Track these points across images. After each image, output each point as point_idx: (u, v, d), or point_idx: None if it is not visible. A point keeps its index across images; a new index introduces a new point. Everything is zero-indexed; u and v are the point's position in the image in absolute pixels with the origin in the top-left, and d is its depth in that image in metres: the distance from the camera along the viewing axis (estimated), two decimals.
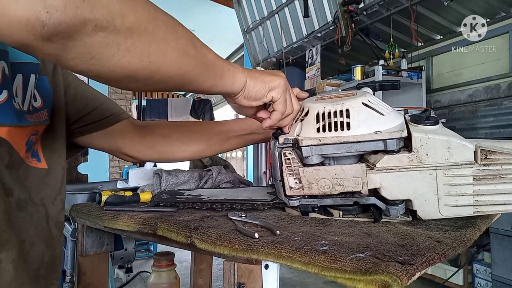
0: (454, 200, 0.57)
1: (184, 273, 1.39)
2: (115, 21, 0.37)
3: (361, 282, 0.39)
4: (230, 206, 0.73)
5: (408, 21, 3.16)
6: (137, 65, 0.41)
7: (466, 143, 0.57)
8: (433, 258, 0.43)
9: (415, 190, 0.58)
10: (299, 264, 0.45)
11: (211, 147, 0.88)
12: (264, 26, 4.78)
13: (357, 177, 0.60)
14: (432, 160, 0.57)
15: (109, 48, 0.38)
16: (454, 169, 0.56)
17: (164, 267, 0.99)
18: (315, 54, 4.10)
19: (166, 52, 0.44)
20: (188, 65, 0.47)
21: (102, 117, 0.79)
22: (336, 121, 0.60)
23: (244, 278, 0.50)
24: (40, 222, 0.63)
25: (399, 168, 0.58)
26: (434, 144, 0.57)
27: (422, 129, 0.59)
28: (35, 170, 0.64)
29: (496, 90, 3.00)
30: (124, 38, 0.39)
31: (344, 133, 0.59)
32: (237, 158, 8.74)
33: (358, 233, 0.54)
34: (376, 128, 0.59)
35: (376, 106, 0.61)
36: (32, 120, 0.63)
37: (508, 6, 2.92)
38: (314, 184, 0.62)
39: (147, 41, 0.41)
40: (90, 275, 0.95)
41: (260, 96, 0.60)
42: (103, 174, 4.34)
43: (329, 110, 0.61)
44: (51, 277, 0.65)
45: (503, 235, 2.47)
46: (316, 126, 0.61)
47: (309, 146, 0.60)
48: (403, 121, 0.61)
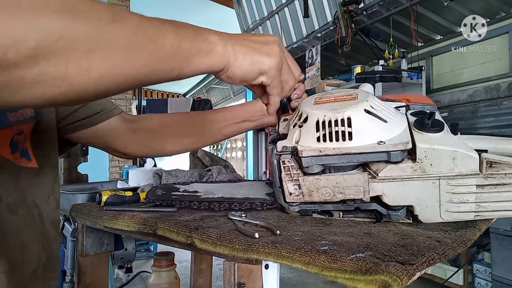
0: (456, 207, 0.56)
1: (184, 273, 1.39)
2: (7, 54, 0.28)
3: (361, 282, 0.39)
4: (228, 206, 0.73)
5: (408, 21, 3.16)
6: (54, 92, 0.33)
7: (472, 153, 0.55)
8: (433, 258, 0.43)
9: (417, 197, 0.57)
10: (299, 264, 0.44)
11: (203, 138, 0.86)
12: (264, 26, 4.78)
13: (359, 185, 0.58)
14: (436, 170, 0.55)
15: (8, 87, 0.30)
16: (458, 179, 0.55)
17: (164, 267, 0.99)
18: (315, 54, 4.10)
19: (91, 67, 0.33)
20: (132, 68, 0.37)
21: (92, 113, 0.76)
22: (337, 130, 0.57)
23: (244, 278, 0.50)
24: (35, 223, 0.62)
25: (402, 178, 0.56)
26: (439, 155, 0.55)
27: (426, 137, 0.56)
28: (25, 170, 0.62)
29: (496, 90, 3.00)
30: (25, 70, 0.30)
31: (346, 143, 0.57)
32: (237, 158, 8.74)
33: (358, 233, 0.54)
34: (379, 138, 0.56)
35: (379, 112, 0.58)
36: (15, 119, 0.59)
37: (508, 6, 2.92)
38: (315, 192, 0.61)
39: (62, 61, 0.31)
40: (90, 275, 0.95)
41: (248, 78, 0.50)
42: (103, 174, 4.34)
43: (329, 118, 0.58)
44: (48, 277, 0.65)
45: (503, 235, 2.47)
46: (316, 135, 0.58)
47: (310, 157, 0.58)
48: (406, 127, 0.59)
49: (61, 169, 1.23)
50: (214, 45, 0.45)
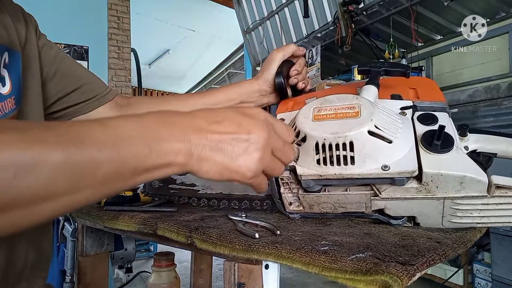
0: (458, 218, 0.55)
1: (184, 273, 1.39)
2: None
3: (361, 282, 0.39)
4: (228, 204, 0.72)
5: (408, 21, 3.16)
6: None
7: (481, 177, 0.51)
8: (433, 259, 0.43)
9: (420, 211, 0.56)
10: (299, 264, 0.44)
11: None
12: (264, 26, 4.78)
13: (361, 202, 0.57)
14: (442, 192, 0.53)
15: None
16: (464, 199, 0.53)
17: (164, 267, 0.99)
18: (315, 54, 4.10)
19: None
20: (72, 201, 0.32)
21: (84, 99, 0.72)
22: (338, 154, 0.53)
23: (244, 278, 0.50)
24: None
25: (406, 197, 0.55)
26: (446, 179, 0.51)
27: (434, 159, 0.52)
28: None
29: (496, 90, 3.00)
30: None
31: (348, 169, 0.53)
32: None
33: (359, 234, 0.54)
34: (384, 161, 0.52)
35: (384, 131, 0.53)
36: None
37: (508, 6, 2.92)
38: (315, 206, 0.60)
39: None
40: (90, 275, 0.95)
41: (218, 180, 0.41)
42: None
43: (329, 142, 0.53)
44: (37, 276, 0.62)
45: (503, 235, 2.47)
46: (315, 157, 0.55)
47: (310, 180, 0.56)
48: (413, 146, 0.54)
49: None
50: (176, 158, 0.37)
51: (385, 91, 0.63)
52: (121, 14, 4.42)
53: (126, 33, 4.46)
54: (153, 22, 6.07)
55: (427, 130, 0.54)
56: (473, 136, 0.60)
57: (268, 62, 0.79)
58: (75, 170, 0.31)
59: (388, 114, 0.56)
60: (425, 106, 0.60)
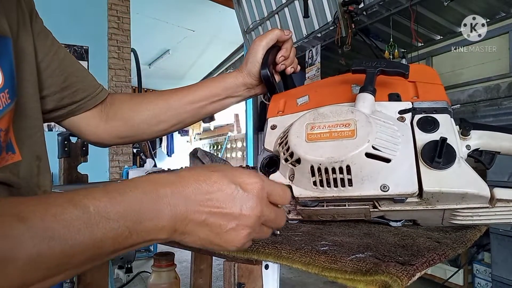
0: (459, 221, 0.55)
1: (184, 273, 1.39)
2: None
3: (361, 282, 0.39)
4: None
5: (408, 21, 3.15)
6: None
7: (483, 192, 0.49)
8: (433, 259, 0.43)
9: (420, 217, 0.57)
10: (299, 264, 0.44)
11: (182, 121, 0.79)
12: (264, 26, 4.78)
13: (360, 213, 0.58)
14: (443, 205, 0.52)
15: None
16: (465, 210, 0.52)
17: (164, 267, 0.99)
18: (315, 54, 4.10)
19: None
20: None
21: (74, 100, 0.71)
22: (335, 177, 0.52)
23: (244, 278, 0.50)
24: None
25: (406, 210, 0.54)
26: (447, 196, 0.50)
27: (435, 176, 0.50)
28: (12, 166, 0.56)
29: (496, 90, 3.00)
30: None
31: (346, 191, 0.52)
32: (237, 158, 8.74)
33: (358, 234, 0.54)
34: (383, 181, 0.51)
35: (382, 150, 0.50)
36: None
37: (508, 6, 2.92)
38: (314, 216, 0.60)
39: None
40: (90, 275, 0.95)
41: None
42: (103, 174, 4.34)
43: (325, 167, 0.51)
44: None
45: (503, 235, 2.47)
46: (312, 180, 0.53)
47: (307, 200, 0.56)
48: (413, 162, 0.51)
49: (61, 170, 1.23)
50: (157, 235, 0.36)
51: (383, 90, 0.60)
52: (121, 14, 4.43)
53: (126, 33, 4.47)
54: (153, 22, 6.07)
55: (428, 142, 0.52)
56: (476, 133, 0.58)
57: (251, 52, 0.74)
58: (48, 264, 0.30)
59: (386, 126, 0.53)
60: (425, 107, 0.57)
